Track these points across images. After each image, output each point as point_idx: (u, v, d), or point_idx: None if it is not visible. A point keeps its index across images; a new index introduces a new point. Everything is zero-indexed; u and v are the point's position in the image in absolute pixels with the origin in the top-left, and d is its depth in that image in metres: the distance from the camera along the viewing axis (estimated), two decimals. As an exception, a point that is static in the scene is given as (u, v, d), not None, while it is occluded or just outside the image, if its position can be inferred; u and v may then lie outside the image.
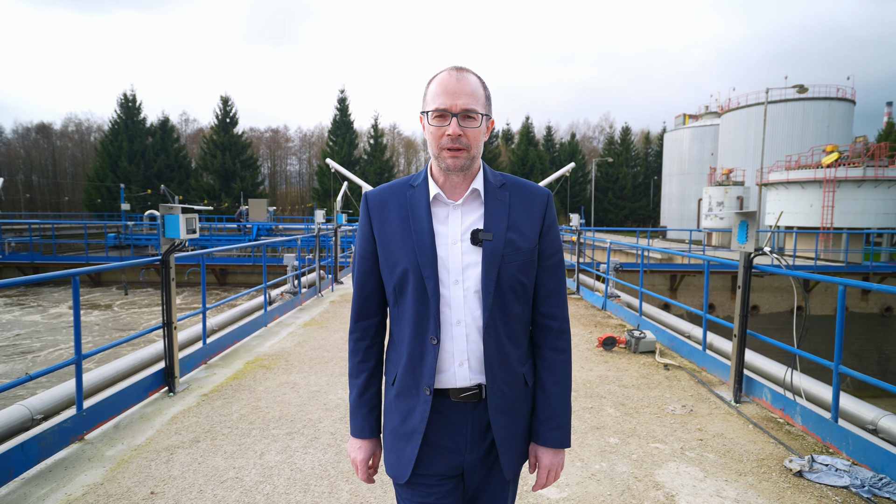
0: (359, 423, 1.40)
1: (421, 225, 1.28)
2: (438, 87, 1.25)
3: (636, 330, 6.03)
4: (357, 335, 1.42)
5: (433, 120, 1.25)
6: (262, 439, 3.60)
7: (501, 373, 1.30)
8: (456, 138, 1.23)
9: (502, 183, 1.35)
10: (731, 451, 3.47)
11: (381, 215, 1.33)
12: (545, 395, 1.37)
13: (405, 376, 1.31)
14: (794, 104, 34.55)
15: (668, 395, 4.56)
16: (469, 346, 1.28)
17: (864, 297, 16.53)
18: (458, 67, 1.27)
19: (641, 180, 56.80)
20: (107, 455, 3.35)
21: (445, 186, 1.31)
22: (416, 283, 1.27)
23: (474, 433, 1.31)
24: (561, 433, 1.37)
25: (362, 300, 1.40)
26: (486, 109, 1.29)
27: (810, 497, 2.90)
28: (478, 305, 1.27)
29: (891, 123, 52.59)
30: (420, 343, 1.28)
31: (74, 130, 64.45)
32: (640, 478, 3.11)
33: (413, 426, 1.30)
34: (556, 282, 1.38)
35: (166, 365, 4.52)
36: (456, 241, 1.28)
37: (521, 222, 1.31)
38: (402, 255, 1.28)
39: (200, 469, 3.17)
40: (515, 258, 1.29)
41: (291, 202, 64.88)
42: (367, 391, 1.40)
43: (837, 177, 24.64)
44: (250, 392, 4.56)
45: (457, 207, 1.30)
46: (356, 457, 1.41)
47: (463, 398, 1.29)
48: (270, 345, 6.27)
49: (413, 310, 1.28)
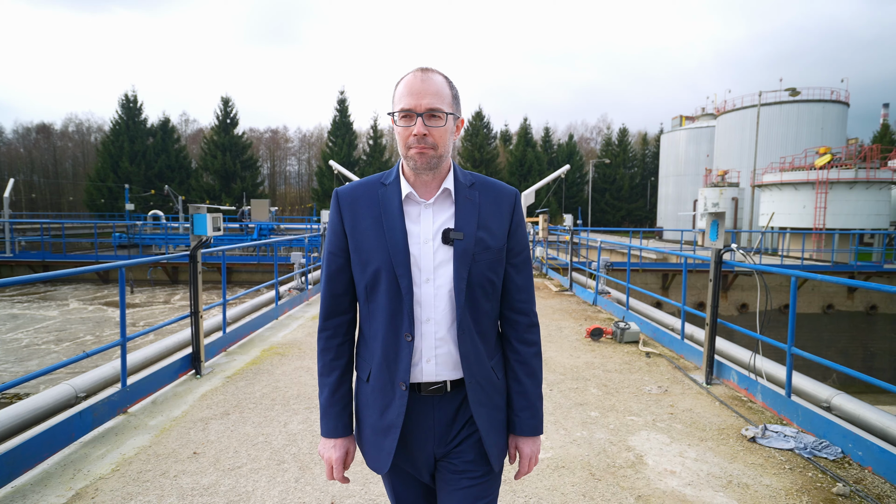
0: (331, 422, 1.40)
1: (394, 223, 1.30)
2: (404, 88, 1.27)
3: (622, 322, 6.51)
4: (328, 333, 1.41)
5: (400, 120, 1.28)
6: (284, 412, 4.07)
7: (478, 368, 1.34)
8: (421, 138, 1.25)
9: (472, 182, 1.37)
10: (696, 423, 3.96)
11: (353, 213, 1.35)
12: (520, 386, 1.41)
13: (380, 373, 1.34)
14: (789, 106, 35.04)
15: (647, 378, 5.04)
16: (436, 344, 1.31)
17: (850, 296, 17.04)
18: (423, 68, 1.30)
19: (638, 181, 57.31)
20: (150, 424, 3.83)
21: (416, 185, 1.33)
22: (388, 281, 1.29)
23: (440, 425, 1.35)
24: (536, 421, 1.42)
25: (333, 298, 1.40)
26: (453, 108, 1.30)
27: (759, 457, 3.39)
28: (447, 303, 1.30)
29: (886, 125, 53.20)
30: (394, 340, 1.31)
31: (75, 131, 64.80)
32: (615, 443, 3.60)
33: (390, 420, 1.33)
34: (524, 278, 1.41)
35: (193, 350, 5.00)
36: (428, 240, 1.30)
37: (491, 221, 1.34)
38: (374, 253, 1.30)
39: (233, 435, 3.65)
40: (485, 257, 1.31)
41: (291, 202, 65.31)
42: (339, 389, 1.40)
43: (830, 178, 25.09)
44: (269, 375, 5.03)
45: (428, 206, 1.33)
46: (331, 456, 1.41)
47: (431, 392, 1.33)
48: (283, 335, 6.75)
49: (386, 307, 1.30)
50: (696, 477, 3.13)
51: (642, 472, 3.18)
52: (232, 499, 2.84)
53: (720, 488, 3.00)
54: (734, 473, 3.17)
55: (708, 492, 2.96)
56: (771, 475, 3.16)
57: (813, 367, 12.68)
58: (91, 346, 12.76)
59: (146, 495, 2.86)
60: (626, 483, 3.06)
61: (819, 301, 17.13)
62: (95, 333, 13.96)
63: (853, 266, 16.98)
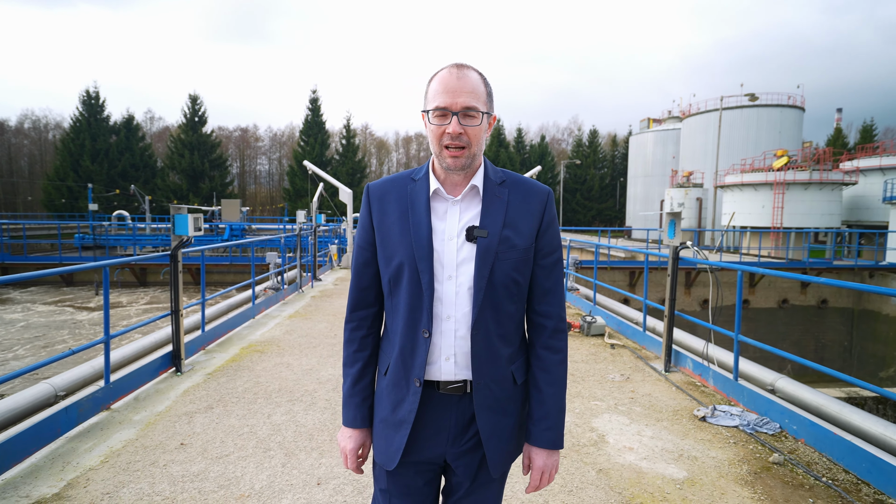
0: (351, 412, 1.41)
1: (419, 219, 1.29)
2: (439, 86, 1.25)
3: (588, 316, 6.87)
4: (353, 325, 1.42)
5: (434, 118, 1.25)
6: (266, 405, 4.23)
7: (489, 370, 1.30)
8: (456, 136, 1.23)
9: (502, 180, 1.34)
10: (654, 406, 4.30)
11: (381, 207, 1.35)
12: (539, 395, 1.36)
13: (397, 367, 1.33)
14: (749, 110, 36.51)
15: (611, 368, 5.38)
16: (456, 342, 1.29)
17: (803, 291, 18.01)
18: (458, 64, 1.27)
19: (608, 182, 58.68)
20: (134, 419, 3.93)
21: (446, 182, 1.32)
22: (410, 276, 1.28)
23: (457, 426, 1.33)
24: (554, 433, 1.36)
25: (359, 290, 1.41)
26: (488, 107, 1.29)
27: (708, 434, 3.74)
28: (468, 302, 1.28)
29: (839, 128, 55.96)
30: (412, 335, 1.30)
31: (31, 127, 62.28)
32: (580, 424, 3.89)
33: (402, 416, 1.32)
34: (553, 281, 1.37)
35: (174, 348, 5.08)
36: (452, 237, 1.29)
37: (519, 220, 1.31)
38: (399, 247, 1.30)
39: (219, 427, 3.79)
40: (510, 256, 1.29)
41: (261, 202, 64.30)
42: (361, 381, 1.41)
43: (786, 180, 26.31)
44: (250, 371, 5.16)
45: (456, 203, 1.31)
46: (345, 446, 1.42)
47: (449, 390, 1.31)
48: (261, 333, 6.85)
49: (407, 303, 1.30)
50: (651, 452, 3.44)
51: (604, 450, 3.48)
52: (222, 483, 3.00)
53: (672, 461, 3.32)
54: (685, 448, 3.50)
55: (661, 464, 3.27)
56: (717, 448, 3.50)
57: (770, 359, 13.42)
58: (66, 347, 12.47)
59: (138, 483, 3.00)
60: (588, 459, 3.35)
61: (775, 296, 18.05)
62: (68, 335, 13.63)
63: (805, 262, 17.94)
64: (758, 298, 17.93)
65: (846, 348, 17.96)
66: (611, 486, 3.01)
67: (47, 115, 69.04)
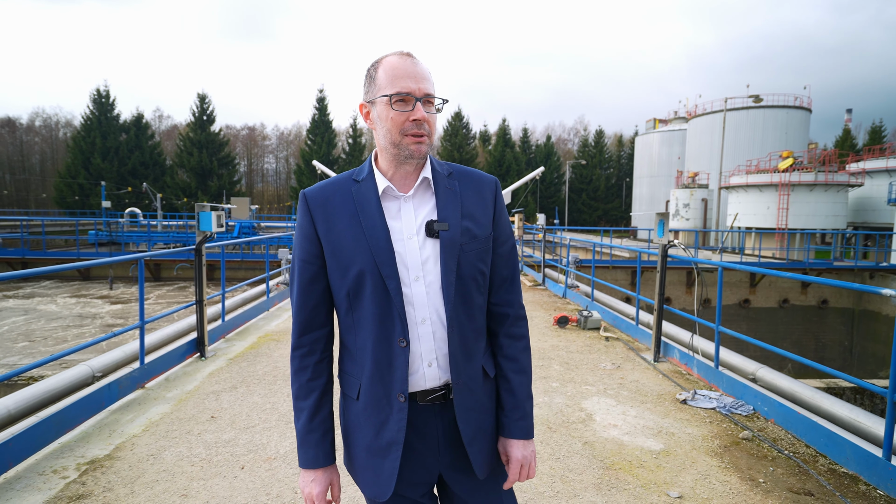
0: (311, 451, 1.26)
1: (373, 221, 1.21)
2: (397, 71, 1.18)
3: (585, 311, 7.23)
4: (303, 351, 1.28)
5: (395, 104, 1.17)
6: (286, 386, 4.64)
7: (466, 368, 1.25)
8: (420, 124, 1.17)
9: (449, 172, 1.30)
10: (640, 391, 4.66)
11: (326, 215, 1.24)
12: (508, 384, 1.32)
13: (373, 387, 1.23)
14: (755, 111, 36.60)
15: (604, 357, 5.75)
16: (437, 345, 1.23)
17: (804, 291, 18.24)
18: (406, 53, 1.22)
19: (614, 182, 58.85)
20: (167, 396, 4.35)
21: (395, 178, 1.25)
22: (374, 284, 1.19)
23: (446, 435, 1.27)
24: (527, 423, 1.32)
25: (307, 311, 1.27)
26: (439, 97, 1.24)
27: (687, 414, 4.10)
28: (440, 300, 1.22)
29: (847, 129, 55.78)
30: (387, 348, 1.20)
31: (42, 125, 63.27)
32: (571, 405, 4.27)
33: (391, 437, 1.22)
34: (510, 268, 1.35)
35: (198, 335, 5.51)
36: (412, 236, 1.22)
37: (475, 210, 1.27)
38: (355, 255, 1.20)
39: (244, 403, 4.20)
40: (473, 247, 1.25)
41: (269, 200, 65.00)
42: (319, 413, 1.28)
43: (791, 181, 26.43)
44: (268, 357, 5.58)
45: (408, 200, 1.25)
46: (311, 491, 1.26)
47: (430, 401, 1.24)
48: (276, 324, 7.27)
49: (374, 314, 1.20)
50: (633, 428, 3.82)
51: (590, 426, 3.85)
52: (251, 448, 3.41)
53: (651, 436, 3.69)
54: (664, 426, 3.87)
55: (641, 438, 3.65)
56: (693, 426, 3.87)
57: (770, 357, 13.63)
58: (99, 333, 12.99)
59: (177, 447, 3.41)
60: (576, 433, 3.72)
61: (776, 296, 18.30)
62: (95, 324, 14.16)
63: (806, 263, 18.18)
64: (759, 298, 18.18)
65: (846, 348, 18.18)
66: (594, 455, 3.39)
67: (58, 114, 70.44)
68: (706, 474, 3.15)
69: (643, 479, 3.09)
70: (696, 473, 3.16)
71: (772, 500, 2.87)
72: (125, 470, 3.10)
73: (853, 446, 3.20)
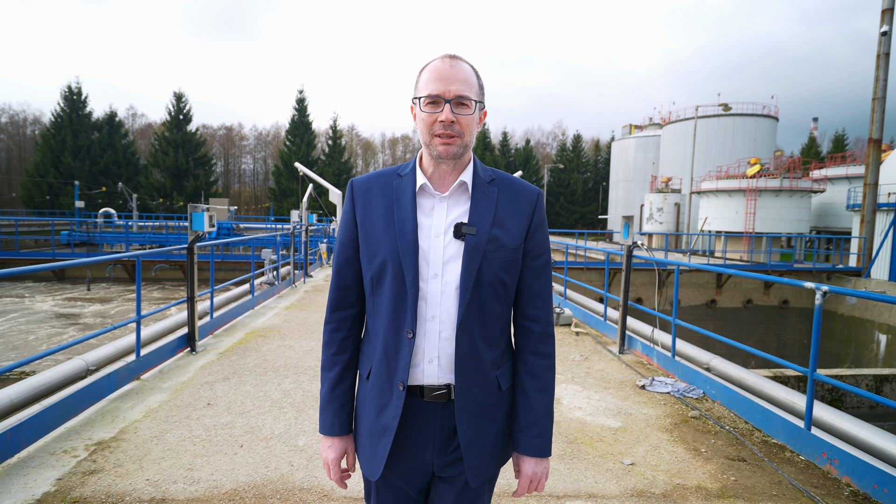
0: (329, 419, 1.35)
1: (405, 215, 1.26)
2: (431, 74, 1.23)
3: (557, 307, 7.67)
4: (332, 325, 1.37)
5: (425, 106, 1.22)
6: (275, 377, 4.93)
7: (472, 373, 1.26)
8: (448, 125, 1.21)
9: (492, 178, 1.31)
10: (604, 379, 5.10)
11: (365, 203, 1.30)
12: (527, 400, 1.32)
13: (380, 370, 1.28)
14: (725, 119, 37.94)
15: (573, 350, 6.19)
16: (440, 344, 1.25)
17: (766, 292, 19.15)
18: (451, 55, 1.25)
19: (591, 186, 60.05)
20: (163, 386, 4.61)
21: (434, 177, 1.29)
22: (394, 274, 1.24)
23: (442, 434, 1.28)
24: (543, 441, 1.32)
25: (341, 289, 1.36)
26: (480, 97, 1.27)
27: (644, 398, 4.55)
28: (454, 301, 1.24)
29: (813, 137, 58.16)
30: (396, 336, 1.25)
31: (8, 122, 61.39)
32: (541, 391, 4.67)
33: (386, 422, 1.27)
34: (541, 284, 1.34)
35: (189, 331, 5.75)
36: (439, 234, 1.25)
37: (508, 219, 1.28)
38: (382, 244, 1.25)
39: (237, 392, 4.49)
40: (498, 255, 1.25)
41: (246, 201, 64.37)
42: (340, 385, 1.35)
43: (759, 187, 27.54)
44: (256, 351, 5.85)
45: (443, 200, 1.28)
46: (327, 456, 1.36)
47: (434, 397, 1.26)
48: (262, 322, 7.53)
49: (390, 302, 1.25)
50: (595, 410, 4.24)
51: (558, 409, 4.26)
52: (248, 430, 3.71)
53: (611, 416, 4.11)
54: (623, 407, 4.30)
55: (602, 418, 4.07)
56: (649, 408, 4.31)
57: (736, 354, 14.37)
58: (79, 335, 12.92)
59: (178, 430, 3.69)
60: (544, 415, 4.12)
61: (740, 297, 19.16)
62: (77, 323, 14.06)
63: (768, 265, 19.09)
64: (724, 298, 19.02)
65: (805, 346, 19.12)
66: (559, 432, 3.79)
67: (25, 110, 68.41)
68: (657, 446, 3.58)
69: (601, 451, 3.50)
70: (647, 445, 3.59)
71: (710, 466, 3.31)
72: (132, 449, 3.38)
73: (782, 420, 3.67)
